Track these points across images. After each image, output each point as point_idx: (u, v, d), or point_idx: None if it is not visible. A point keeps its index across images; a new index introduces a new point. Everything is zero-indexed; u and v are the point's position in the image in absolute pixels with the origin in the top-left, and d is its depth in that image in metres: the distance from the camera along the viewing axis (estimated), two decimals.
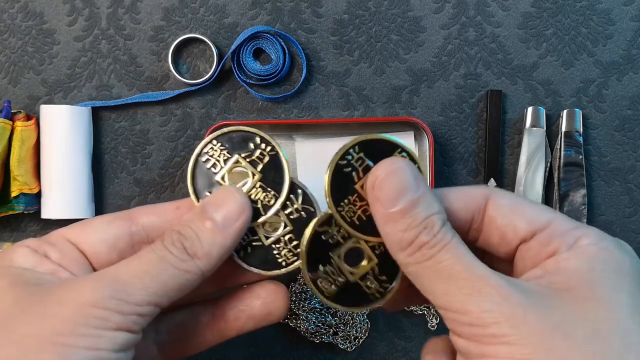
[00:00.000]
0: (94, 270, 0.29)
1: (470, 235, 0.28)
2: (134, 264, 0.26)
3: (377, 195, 0.26)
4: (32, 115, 0.53)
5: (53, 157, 0.51)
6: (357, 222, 0.29)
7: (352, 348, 0.52)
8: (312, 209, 0.33)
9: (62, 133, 0.51)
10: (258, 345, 0.54)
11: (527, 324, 0.22)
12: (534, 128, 0.53)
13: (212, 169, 0.32)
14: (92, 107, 0.54)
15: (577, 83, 0.54)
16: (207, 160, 0.32)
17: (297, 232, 0.32)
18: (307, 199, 0.33)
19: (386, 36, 0.54)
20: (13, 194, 0.51)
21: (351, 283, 0.30)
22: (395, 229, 0.25)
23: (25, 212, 0.52)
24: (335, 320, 0.52)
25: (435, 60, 0.54)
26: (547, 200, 0.53)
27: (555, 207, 0.53)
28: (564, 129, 0.53)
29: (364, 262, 0.30)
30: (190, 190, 0.32)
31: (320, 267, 0.30)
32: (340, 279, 0.30)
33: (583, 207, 0.52)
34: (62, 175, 0.51)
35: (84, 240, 0.29)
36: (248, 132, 0.32)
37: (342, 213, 0.30)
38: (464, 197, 0.28)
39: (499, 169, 0.53)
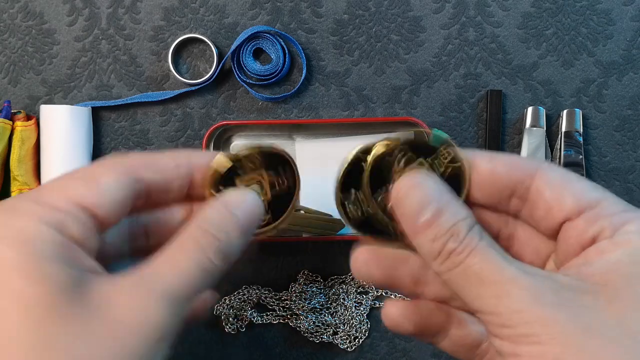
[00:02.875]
0: (99, 232, 0.26)
1: (512, 204, 0.28)
2: (180, 274, 0.26)
3: (402, 212, 0.27)
4: (32, 115, 0.53)
5: (53, 157, 0.51)
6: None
7: (352, 348, 0.52)
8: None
9: (62, 133, 0.51)
10: (258, 345, 0.54)
11: (558, 323, 0.22)
12: (534, 128, 0.53)
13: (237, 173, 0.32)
14: (92, 107, 0.54)
15: (577, 83, 0.54)
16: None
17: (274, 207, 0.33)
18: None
19: (386, 36, 0.54)
20: (13, 194, 0.51)
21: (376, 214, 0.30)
22: (425, 240, 0.26)
23: None
24: (335, 320, 0.52)
25: (435, 60, 0.54)
26: None
27: None
28: (564, 129, 0.53)
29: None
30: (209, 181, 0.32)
31: (352, 191, 0.30)
32: (368, 209, 0.30)
33: None
34: None
35: (95, 202, 0.25)
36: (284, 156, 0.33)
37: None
38: (510, 163, 0.28)
39: None
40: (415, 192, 0.26)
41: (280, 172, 0.33)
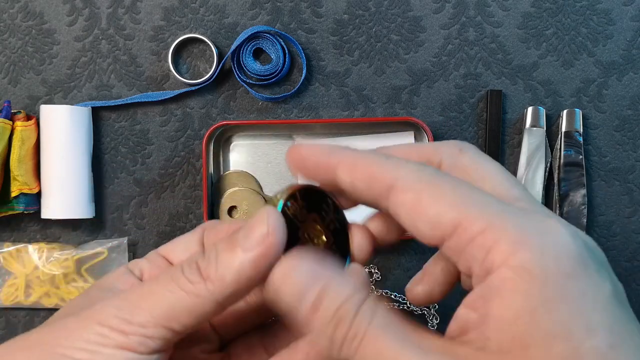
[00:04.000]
0: None
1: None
2: (147, 284, 0.26)
3: (282, 304, 0.24)
4: (32, 115, 0.53)
5: (53, 157, 0.51)
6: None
7: None
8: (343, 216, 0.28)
9: (62, 133, 0.51)
10: None
11: None
12: (534, 128, 0.53)
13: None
14: (92, 107, 0.54)
15: (577, 83, 0.54)
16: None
17: (338, 244, 0.28)
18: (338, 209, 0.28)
19: (386, 36, 0.54)
20: (13, 194, 0.51)
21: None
22: (315, 331, 0.23)
23: (25, 212, 0.52)
24: None
25: (435, 60, 0.54)
26: (547, 200, 0.53)
27: (555, 208, 0.53)
28: (564, 129, 0.53)
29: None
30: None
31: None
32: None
33: (583, 207, 0.52)
34: (62, 175, 0.51)
35: (171, 254, 0.30)
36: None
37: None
38: (369, 174, 0.24)
39: None
40: (289, 280, 0.23)
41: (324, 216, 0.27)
